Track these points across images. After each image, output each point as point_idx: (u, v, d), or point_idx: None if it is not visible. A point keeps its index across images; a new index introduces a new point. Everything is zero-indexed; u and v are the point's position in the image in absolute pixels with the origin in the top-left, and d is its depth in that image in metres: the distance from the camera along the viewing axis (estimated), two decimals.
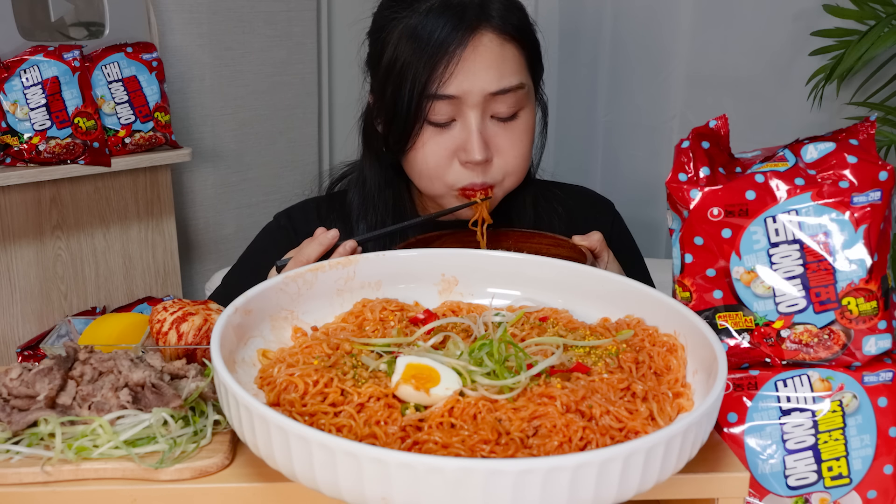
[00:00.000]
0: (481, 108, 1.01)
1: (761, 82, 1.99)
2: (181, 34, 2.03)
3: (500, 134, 1.03)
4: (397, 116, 1.02)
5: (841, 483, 0.75)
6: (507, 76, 1.01)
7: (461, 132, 1.02)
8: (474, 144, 1.00)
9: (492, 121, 1.03)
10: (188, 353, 0.81)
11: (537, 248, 1.06)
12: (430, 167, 1.04)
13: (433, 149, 1.03)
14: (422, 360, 0.64)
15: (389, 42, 1.03)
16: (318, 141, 2.43)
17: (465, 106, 1.01)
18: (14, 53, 1.64)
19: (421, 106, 1.00)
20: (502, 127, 1.03)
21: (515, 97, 1.02)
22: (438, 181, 1.05)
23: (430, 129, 1.02)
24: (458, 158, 1.03)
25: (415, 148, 1.04)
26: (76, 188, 1.82)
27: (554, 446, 0.57)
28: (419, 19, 1.00)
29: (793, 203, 0.76)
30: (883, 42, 1.68)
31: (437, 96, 0.99)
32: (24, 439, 0.64)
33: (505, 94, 1.01)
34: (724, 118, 0.86)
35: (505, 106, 1.02)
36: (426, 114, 1.01)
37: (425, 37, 0.99)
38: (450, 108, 1.01)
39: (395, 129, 1.04)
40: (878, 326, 0.75)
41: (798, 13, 1.89)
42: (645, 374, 0.69)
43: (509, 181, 1.07)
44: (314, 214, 1.19)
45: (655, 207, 2.17)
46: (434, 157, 1.03)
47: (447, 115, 1.01)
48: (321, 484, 0.53)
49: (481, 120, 1.01)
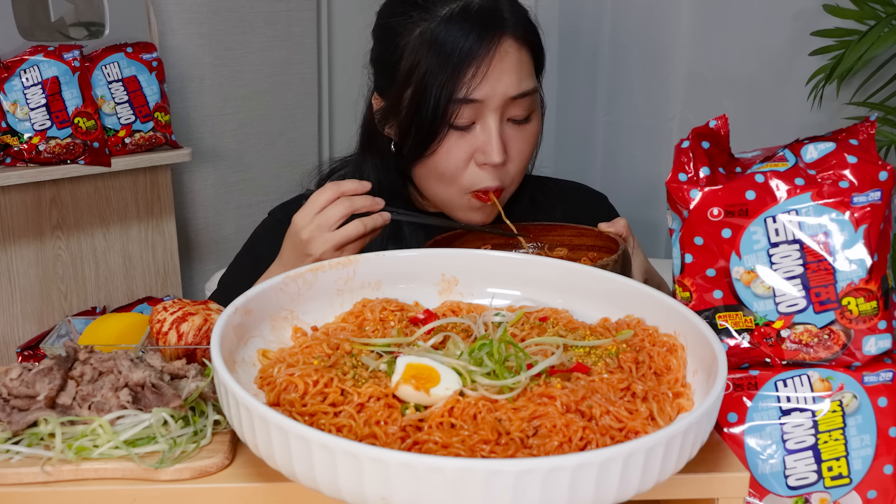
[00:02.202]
0: (500, 111, 1.03)
1: (761, 82, 1.99)
2: (181, 34, 2.03)
3: (515, 137, 1.06)
4: (419, 121, 1.03)
5: (841, 483, 0.75)
6: (525, 80, 1.04)
7: (481, 135, 1.04)
8: (494, 147, 1.02)
9: (508, 124, 1.05)
10: (188, 353, 0.81)
11: (559, 239, 1.07)
12: (450, 170, 1.05)
13: (454, 152, 1.04)
14: (422, 360, 0.64)
15: (407, 47, 1.04)
16: (318, 141, 2.43)
17: (486, 109, 1.02)
18: (14, 53, 1.64)
19: (447, 111, 1.02)
20: (517, 130, 1.06)
21: (531, 101, 1.06)
22: (454, 184, 1.06)
23: (453, 132, 1.04)
24: (476, 161, 1.05)
25: (435, 152, 1.05)
26: (76, 188, 1.82)
27: (554, 446, 0.57)
28: (441, 26, 1.02)
29: (793, 203, 0.76)
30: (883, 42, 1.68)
31: (465, 101, 1.01)
32: (24, 439, 0.64)
33: (523, 98, 1.04)
34: (724, 118, 0.86)
35: (521, 109, 1.05)
36: (452, 118, 1.02)
37: (451, 44, 1.01)
38: (472, 112, 1.03)
39: (416, 133, 1.04)
40: (878, 326, 0.75)
41: (798, 13, 1.89)
42: (645, 374, 0.69)
43: (514, 185, 1.10)
44: None
45: (655, 207, 2.17)
46: (454, 159, 1.05)
47: (469, 119, 1.03)
48: (321, 484, 0.53)
49: (500, 123, 1.04)
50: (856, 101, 1.84)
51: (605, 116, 2.27)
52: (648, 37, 2.14)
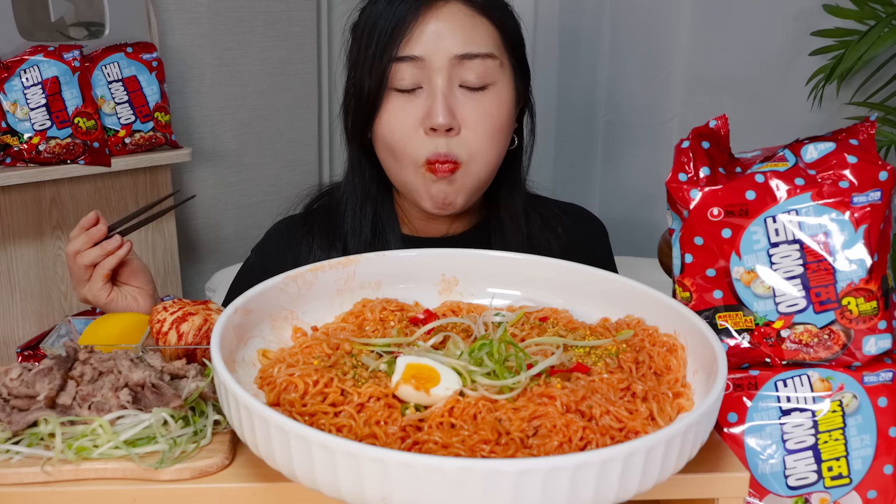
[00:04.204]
0: (447, 72, 0.99)
1: (761, 82, 1.99)
2: (181, 34, 2.03)
3: (468, 104, 1.00)
4: (362, 89, 1.01)
5: (841, 483, 0.75)
6: (476, 42, 0.99)
7: (427, 99, 0.99)
8: (438, 107, 0.97)
9: (460, 90, 1.00)
10: (188, 353, 0.81)
11: None
12: (396, 137, 1.01)
13: (398, 116, 1.00)
14: (422, 360, 0.64)
15: (359, 26, 1.04)
16: (318, 141, 2.43)
17: (431, 70, 0.99)
18: (14, 53, 1.64)
19: (384, 70, 0.99)
20: (470, 97, 1.00)
21: (484, 66, 1.00)
22: (404, 156, 1.01)
23: (396, 96, 1.00)
24: (423, 126, 0.99)
25: (380, 119, 1.01)
26: (76, 188, 1.82)
27: (554, 446, 0.57)
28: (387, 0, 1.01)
29: (793, 203, 0.76)
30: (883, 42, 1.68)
31: (400, 58, 0.98)
32: (24, 439, 0.64)
33: (472, 60, 0.99)
34: (724, 118, 0.86)
35: (473, 74, 0.99)
36: (389, 78, 0.99)
37: (391, 9, 0.99)
38: (415, 72, 0.99)
39: (362, 102, 1.02)
40: (878, 326, 0.75)
41: (798, 13, 1.89)
42: (645, 374, 0.69)
43: (477, 165, 1.02)
44: (286, 236, 1.16)
45: (655, 207, 2.17)
46: (399, 125, 1.00)
47: (412, 81, 0.99)
48: (321, 484, 0.53)
49: (447, 85, 0.99)
50: (856, 101, 1.84)
51: (605, 116, 2.27)
52: (648, 37, 2.14)
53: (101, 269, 1.01)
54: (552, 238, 1.14)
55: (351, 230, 1.10)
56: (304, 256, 1.12)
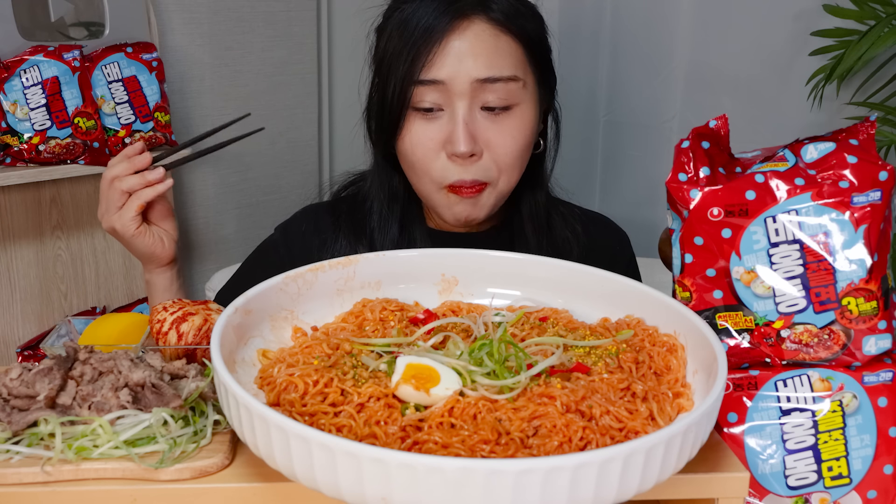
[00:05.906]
0: (469, 96, 0.97)
1: (761, 82, 1.99)
2: (181, 34, 2.02)
3: (490, 128, 0.99)
4: (384, 105, 1.01)
5: (841, 483, 0.75)
6: (499, 65, 0.98)
7: (448, 123, 0.98)
8: (459, 134, 0.97)
9: (482, 113, 0.99)
10: (188, 353, 0.81)
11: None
12: (418, 158, 1.01)
13: (419, 138, 1.00)
14: (422, 360, 0.64)
15: (384, 34, 1.03)
16: (318, 141, 2.43)
17: (452, 94, 0.98)
18: (14, 53, 1.64)
19: (405, 92, 0.98)
20: (492, 120, 0.99)
21: (507, 89, 0.98)
22: (426, 176, 1.02)
23: (417, 116, 1.00)
24: (445, 151, 0.99)
25: (401, 138, 1.01)
26: (76, 188, 1.82)
27: (554, 446, 0.57)
28: (413, 8, 0.99)
29: (793, 203, 0.76)
30: (883, 42, 1.68)
31: (422, 81, 0.97)
32: (24, 439, 0.64)
33: (494, 84, 0.97)
34: (724, 118, 0.86)
35: (495, 97, 0.98)
36: (410, 99, 0.98)
37: (414, 23, 0.98)
38: (436, 95, 0.98)
39: (384, 118, 1.02)
40: (878, 326, 0.75)
41: (798, 13, 1.89)
42: (645, 374, 0.69)
43: (501, 184, 1.03)
44: (313, 221, 1.16)
45: (655, 207, 2.17)
46: (421, 147, 1.00)
47: (433, 103, 0.98)
48: (321, 484, 0.53)
49: (469, 110, 0.98)
50: (856, 101, 1.83)
51: (605, 116, 2.27)
52: (648, 37, 2.14)
53: (137, 197, 1.00)
54: (573, 239, 1.15)
55: (378, 226, 1.11)
56: (330, 245, 1.12)
